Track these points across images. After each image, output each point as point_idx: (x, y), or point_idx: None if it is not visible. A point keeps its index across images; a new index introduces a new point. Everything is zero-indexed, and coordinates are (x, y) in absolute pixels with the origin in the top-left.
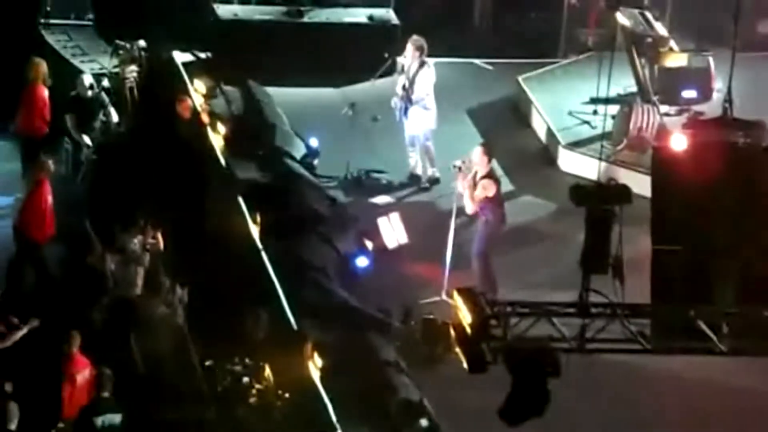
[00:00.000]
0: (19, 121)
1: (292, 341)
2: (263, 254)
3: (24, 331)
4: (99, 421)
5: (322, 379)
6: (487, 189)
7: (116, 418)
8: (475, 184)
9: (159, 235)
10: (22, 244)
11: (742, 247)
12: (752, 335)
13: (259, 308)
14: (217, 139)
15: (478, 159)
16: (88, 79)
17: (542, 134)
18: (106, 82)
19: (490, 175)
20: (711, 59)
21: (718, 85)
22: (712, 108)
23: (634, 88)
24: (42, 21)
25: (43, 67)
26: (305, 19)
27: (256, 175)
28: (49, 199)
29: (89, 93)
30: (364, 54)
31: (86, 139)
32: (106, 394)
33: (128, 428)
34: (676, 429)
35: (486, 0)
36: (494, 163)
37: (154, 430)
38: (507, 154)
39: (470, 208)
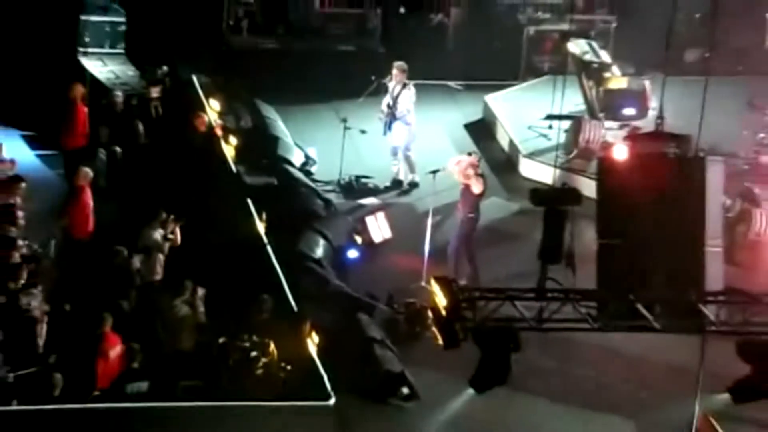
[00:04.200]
0: (62, 135)
1: (292, 322)
2: (268, 248)
3: None
4: (129, 387)
5: (318, 353)
6: (478, 185)
7: (143, 385)
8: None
9: (177, 229)
10: (66, 241)
11: (673, 240)
12: (681, 315)
13: (265, 294)
14: (228, 149)
15: (467, 165)
16: (120, 98)
17: (505, 145)
18: (136, 101)
19: (483, 176)
20: (647, 82)
21: (653, 104)
22: (647, 123)
23: (582, 106)
24: (81, 50)
25: (82, 88)
26: (304, 48)
27: (262, 180)
28: (90, 202)
29: (123, 110)
30: (354, 77)
31: (118, 150)
32: (135, 365)
33: (153, 394)
34: (617, 394)
35: (458, 30)
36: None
37: (176, 395)
38: None
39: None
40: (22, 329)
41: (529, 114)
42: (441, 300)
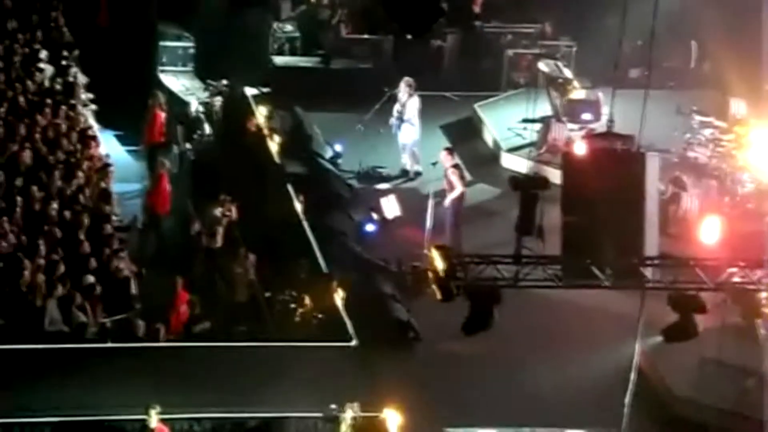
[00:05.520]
0: (144, 135)
1: (323, 280)
2: (304, 222)
3: None
4: (195, 328)
5: (343, 305)
6: (451, 177)
7: (206, 325)
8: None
9: (234, 208)
10: (149, 217)
11: (620, 217)
12: (625, 275)
13: (302, 258)
14: (273, 145)
15: (443, 158)
16: (193, 106)
17: (490, 143)
18: (201, 108)
19: (455, 166)
20: (600, 94)
21: (605, 110)
22: (600, 126)
23: (550, 112)
24: (159, 68)
25: (160, 97)
26: (332, 66)
27: (300, 169)
28: (167, 186)
29: (192, 115)
30: (371, 89)
31: (188, 145)
32: (198, 311)
33: (214, 333)
34: (576, 335)
35: (452, 52)
36: (457, 160)
37: (232, 337)
38: (467, 156)
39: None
40: (114, 285)
41: (509, 118)
42: (439, 264)
